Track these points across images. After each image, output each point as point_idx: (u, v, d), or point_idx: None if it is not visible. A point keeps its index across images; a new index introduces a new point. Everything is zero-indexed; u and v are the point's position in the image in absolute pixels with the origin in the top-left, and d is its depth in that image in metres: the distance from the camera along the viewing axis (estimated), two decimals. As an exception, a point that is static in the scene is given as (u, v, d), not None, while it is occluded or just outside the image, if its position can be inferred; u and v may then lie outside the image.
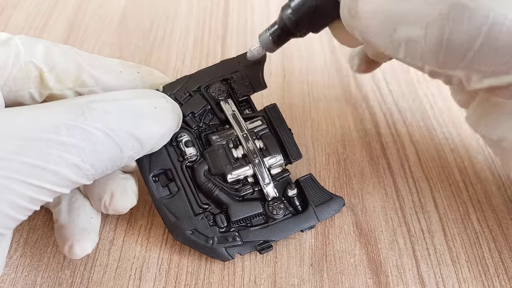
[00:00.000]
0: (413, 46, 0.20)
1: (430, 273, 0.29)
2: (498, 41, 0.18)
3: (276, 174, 0.31)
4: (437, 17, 0.19)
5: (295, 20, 0.25)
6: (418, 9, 0.19)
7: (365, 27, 0.22)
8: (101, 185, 0.28)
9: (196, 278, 0.29)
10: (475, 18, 0.18)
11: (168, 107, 0.26)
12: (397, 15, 0.20)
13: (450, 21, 0.19)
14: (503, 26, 0.18)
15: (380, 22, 0.21)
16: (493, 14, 0.18)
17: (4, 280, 0.29)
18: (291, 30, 0.26)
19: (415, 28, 0.20)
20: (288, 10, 0.25)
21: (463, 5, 0.18)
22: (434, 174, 0.34)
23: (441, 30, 0.19)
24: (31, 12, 0.48)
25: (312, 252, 0.30)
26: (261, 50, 0.29)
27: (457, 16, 0.18)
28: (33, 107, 0.23)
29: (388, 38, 0.21)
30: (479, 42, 0.18)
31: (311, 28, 0.26)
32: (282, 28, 0.26)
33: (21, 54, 0.26)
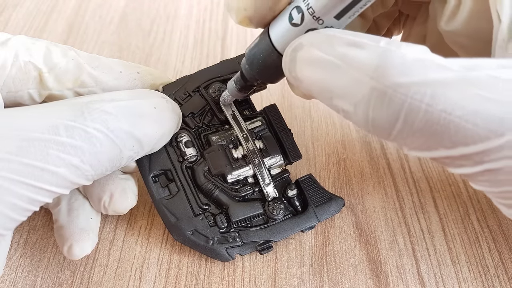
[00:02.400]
0: (349, 116, 0.21)
1: (430, 273, 0.29)
2: (414, 126, 0.18)
3: (276, 175, 0.31)
4: (361, 99, 0.20)
5: (250, 71, 0.26)
6: (346, 87, 0.20)
7: (305, 88, 0.22)
8: (101, 186, 0.28)
9: (196, 279, 0.29)
10: (393, 105, 0.19)
11: (168, 107, 0.26)
12: (330, 87, 0.21)
13: (372, 104, 0.19)
14: (418, 113, 0.18)
15: (317, 89, 0.22)
16: (409, 101, 0.18)
17: (4, 281, 0.29)
18: (252, 84, 0.27)
19: (346, 103, 0.20)
20: (244, 63, 0.26)
21: (382, 90, 0.19)
22: (434, 174, 0.34)
23: (365, 111, 0.20)
24: (31, 12, 0.48)
25: (312, 253, 0.30)
26: (231, 98, 0.29)
27: (377, 100, 0.19)
28: (32, 108, 0.23)
29: (328, 103, 0.22)
30: (398, 126, 0.19)
31: (267, 80, 0.26)
32: (243, 78, 0.27)
33: (20, 54, 0.26)
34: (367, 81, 0.19)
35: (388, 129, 0.19)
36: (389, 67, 0.19)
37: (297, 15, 0.22)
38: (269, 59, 0.24)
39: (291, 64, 0.22)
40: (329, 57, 0.21)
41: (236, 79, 0.28)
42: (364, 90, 0.19)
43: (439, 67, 0.18)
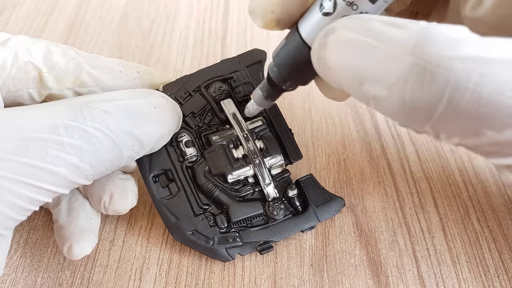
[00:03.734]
0: (380, 102, 0.20)
1: (430, 273, 0.29)
2: (460, 108, 0.17)
3: (277, 175, 0.31)
4: (398, 79, 0.18)
5: (280, 74, 0.25)
6: (381, 68, 0.19)
7: (335, 78, 0.21)
8: (101, 186, 0.28)
9: (196, 279, 0.29)
10: (435, 83, 0.17)
11: (168, 107, 0.26)
12: (361, 72, 0.20)
13: (410, 84, 0.18)
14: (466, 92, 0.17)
15: (347, 75, 0.20)
16: (454, 79, 0.17)
17: (4, 281, 0.29)
18: (278, 85, 0.26)
19: (379, 87, 0.19)
20: (274, 68, 0.25)
21: (423, 66, 0.17)
22: (434, 174, 0.34)
23: (402, 93, 0.18)
24: (31, 12, 0.48)
25: (312, 253, 0.30)
26: (257, 107, 0.29)
27: (417, 78, 0.18)
28: (32, 107, 0.23)
29: (358, 90, 0.20)
30: (440, 108, 0.18)
31: (298, 81, 0.26)
32: (270, 83, 0.26)
33: (20, 54, 0.26)
34: (406, 58, 0.18)
35: (428, 112, 0.18)
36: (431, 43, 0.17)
37: (328, 3, 0.22)
38: (300, 56, 0.23)
39: (321, 51, 0.21)
40: (364, 38, 0.19)
41: (262, 86, 0.27)
42: (402, 67, 0.18)
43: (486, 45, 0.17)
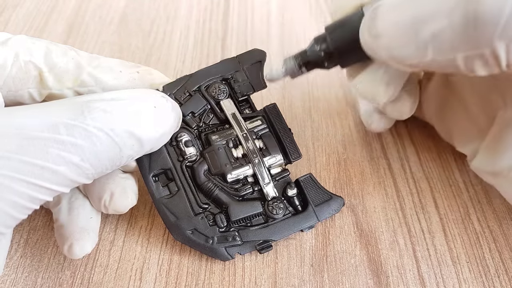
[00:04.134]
0: (440, 39, 0.20)
1: (431, 273, 0.29)
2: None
3: (276, 174, 0.31)
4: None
5: (330, 52, 0.26)
6: (437, 2, 0.20)
7: (388, 42, 0.22)
8: (101, 185, 0.28)
9: (196, 279, 0.29)
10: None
11: (168, 107, 0.26)
12: (417, 17, 0.20)
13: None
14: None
15: (402, 32, 0.21)
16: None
17: (5, 281, 0.29)
18: (322, 62, 0.26)
19: (438, 20, 0.20)
20: (324, 43, 0.26)
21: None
22: (435, 174, 0.34)
23: (465, 9, 0.19)
24: (31, 12, 0.48)
25: (313, 253, 0.30)
26: (283, 74, 0.29)
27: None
28: (32, 107, 0.23)
29: (414, 44, 0.21)
30: (507, 10, 0.18)
31: (343, 60, 0.26)
32: (314, 58, 0.27)
33: (20, 54, 0.26)
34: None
35: (495, 17, 0.18)
36: None
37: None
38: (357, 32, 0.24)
39: (371, 22, 0.22)
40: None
41: (300, 58, 0.27)
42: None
43: None
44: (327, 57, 0.26)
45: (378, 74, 0.27)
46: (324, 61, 0.26)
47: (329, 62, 0.26)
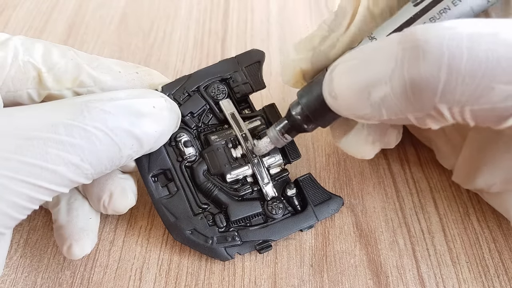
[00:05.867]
0: (388, 103, 0.21)
1: (430, 273, 0.29)
2: (462, 71, 0.18)
3: (275, 174, 0.31)
4: (394, 66, 0.20)
5: (306, 115, 0.26)
6: (379, 67, 0.20)
7: (346, 104, 0.23)
8: (100, 185, 0.28)
9: (196, 279, 0.29)
10: (430, 56, 0.18)
11: (167, 107, 0.26)
12: (365, 82, 0.21)
13: (406, 66, 0.19)
14: (462, 55, 0.18)
15: (355, 95, 0.22)
16: (447, 47, 0.18)
17: (4, 281, 0.29)
18: (301, 126, 0.27)
19: (382, 86, 0.20)
20: (298, 107, 0.26)
21: (414, 46, 0.19)
22: (434, 174, 0.34)
23: (402, 77, 0.19)
24: (31, 12, 0.48)
25: (312, 253, 0.30)
26: (270, 145, 0.29)
27: (411, 58, 0.19)
28: (32, 107, 0.23)
29: (368, 105, 0.22)
30: (443, 76, 0.18)
31: (321, 123, 0.27)
32: (292, 124, 0.27)
33: (19, 54, 0.26)
34: (396, 48, 0.19)
35: (432, 83, 0.19)
36: (415, 30, 0.19)
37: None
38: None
39: (330, 85, 0.23)
40: (359, 57, 0.22)
41: (280, 125, 0.28)
42: (396, 56, 0.19)
43: (462, 22, 0.18)
44: (304, 121, 0.27)
45: (362, 135, 0.27)
46: (303, 125, 0.27)
47: (308, 125, 0.27)
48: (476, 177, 0.29)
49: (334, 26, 0.27)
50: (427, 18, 0.23)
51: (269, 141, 0.29)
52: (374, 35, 0.25)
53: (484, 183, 0.28)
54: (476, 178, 0.29)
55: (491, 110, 0.19)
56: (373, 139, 0.28)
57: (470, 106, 0.19)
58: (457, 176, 0.31)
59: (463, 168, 0.30)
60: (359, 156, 0.28)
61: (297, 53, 0.28)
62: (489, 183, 0.28)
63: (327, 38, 0.27)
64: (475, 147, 0.29)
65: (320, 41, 0.27)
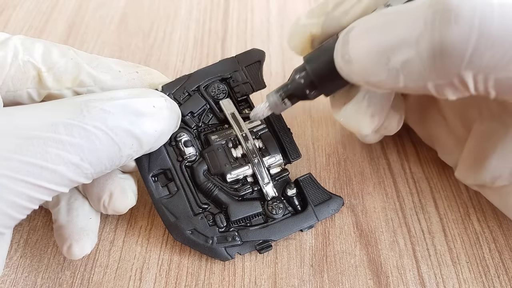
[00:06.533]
0: (410, 68, 0.20)
1: (431, 273, 0.29)
2: (492, 35, 0.18)
3: (276, 174, 0.31)
4: (424, 29, 0.19)
5: (311, 81, 0.26)
6: (405, 29, 0.20)
7: (361, 68, 0.22)
8: (100, 185, 0.28)
9: (196, 279, 0.29)
10: (462, 19, 0.18)
11: (167, 106, 0.26)
12: (386, 45, 0.21)
13: (437, 28, 0.19)
14: (493, 20, 0.18)
15: (373, 59, 0.21)
16: (479, 11, 0.18)
17: (4, 281, 0.29)
18: (304, 92, 0.26)
19: (406, 49, 0.20)
20: (303, 72, 0.26)
21: (446, 9, 0.18)
22: (435, 174, 0.34)
23: (431, 40, 0.19)
24: (31, 12, 0.48)
25: (313, 253, 0.30)
26: (267, 111, 0.28)
27: (443, 21, 0.18)
28: (31, 106, 0.23)
29: (386, 71, 0.21)
30: (473, 40, 0.18)
31: (325, 89, 0.26)
32: (295, 89, 0.27)
33: (19, 54, 0.26)
34: (427, 11, 0.19)
35: (462, 48, 0.18)
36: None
37: None
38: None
39: (344, 48, 0.22)
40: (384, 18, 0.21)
41: (282, 90, 0.27)
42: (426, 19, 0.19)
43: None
44: (308, 86, 0.26)
45: (362, 106, 0.27)
46: (305, 91, 0.26)
47: (311, 91, 0.26)
48: (481, 169, 0.28)
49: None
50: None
51: (268, 105, 0.28)
52: (389, 3, 0.24)
53: (490, 175, 0.28)
54: (482, 170, 0.28)
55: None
56: (372, 112, 0.27)
57: (495, 73, 0.19)
58: (460, 170, 0.31)
59: (467, 161, 0.30)
60: (355, 128, 0.27)
61: (308, 17, 0.27)
62: (495, 175, 0.28)
63: (341, 4, 0.26)
64: (480, 138, 0.28)
65: (334, 7, 0.26)
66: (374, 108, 0.27)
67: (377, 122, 0.27)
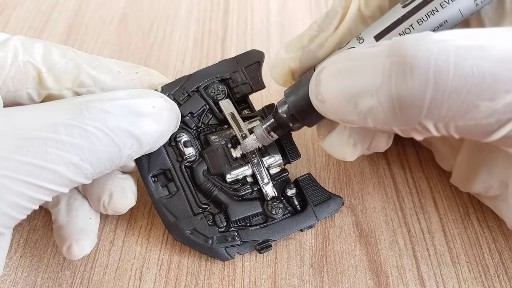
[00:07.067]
0: (374, 114, 0.21)
1: (430, 273, 0.29)
2: (449, 86, 0.18)
3: (275, 174, 0.31)
4: (382, 80, 0.19)
5: (292, 114, 0.26)
6: (367, 78, 0.20)
7: (333, 108, 0.23)
8: (100, 185, 0.28)
9: (196, 279, 0.29)
10: (417, 71, 0.18)
11: (166, 107, 0.26)
12: (352, 91, 0.21)
13: (394, 79, 0.19)
14: (449, 71, 0.18)
15: (343, 102, 0.22)
16: (434, 62, 0.18)
17: (4, 281, 0.29)
18: (288, 125, 0.27)
19: (369, 97, 0.20)
20: (285, 106, 0.27)
21: (402, 61, 0.19)
22: (434, 174, 0.34)
23: (389, 92, 0.19)
24: (31, 12, 0.48)
25: (312, 253, 0.30)
26: (256, 143, 0.29)
27: (398, 72, 0.19)
28: (31, 107, 0.23)
29: (355, 114, 0.22)
30: (429, 92, 0.18)
31: (307, 122, 0.27)
32: (279, 122, 0.28)
33: (19, 54, 0.26)
34: (385, 61, 0.19)
35: (419, 102, 0.19)
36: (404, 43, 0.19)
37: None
38: None
39: (317, 88, 0.23)
40: (348, 63, 0.21)
41: (267, 123, 0.28)
42: (383, 69, 0.19)
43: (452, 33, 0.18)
44: (290, 120, 0.27)
45: (344, 136, 0.27)
46: (289, 124, 0.27)
47: (294, 124, 0.27)
48: (473, 181, 0.29)
49: (324, 25, 0.27)
50: (415, 20, 0.23)
51: (255, 138, 0.29)
52: (362, 36, 0.25)
53: (481, 187, 0.29)
54: (474, 181, 0.29)
55: (475, 126, 0.19)
56: (354, 141, 0.27)
57: (454, 122, 0.19)
58: (455, 179, 0.31)
59: (460, 172, 0.30)
60: (340, 157, 0.28)
61: (286, 52, 0.28)
62: (486, 187, 0.28)
63: (316, 37, 0.27)
64: (472, 150, 0.29)
65: (309, 40, 0.27)
66: (356, 137, 0.27)
67: (359, 150, 0.28)
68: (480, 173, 0.28)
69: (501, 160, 0.27)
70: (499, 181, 0.27)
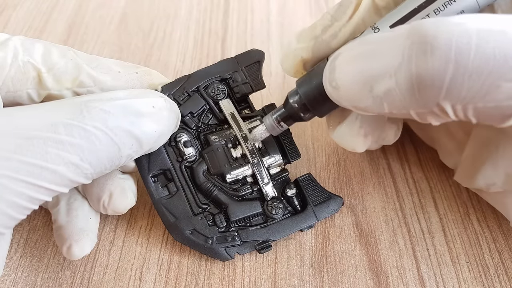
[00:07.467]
0: (391, 97, 0.21)
1: (431, 273, 0.29)
2: (469, 67, 0.18)
3: (275, 174, 0.31)
4: (401, 61, 0.19)
5: (303, 104, 0.26)
6: (385, 60, 0.20)
7: (347, 95, 0.23)
8: (100, 185, 0.28)
9: (196, 279, 0.29)
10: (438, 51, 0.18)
11: (166, 107, 0.26)
12: (369, 74, 0.21)
13: (414, 61, 0.19)
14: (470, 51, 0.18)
15: (358, 87, 0.22)
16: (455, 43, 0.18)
17: (4, 281, 0.29)
18: (299, 115, 0.27)
19: (387, 80, 0.20)
20: (296, 96, 0.27)
21: (423, 42, 0.19)
22: (434, 174, 0.34)
23: (408, 72, 0.19)
24: (31, 12, 0.48)
25: (312, 253, 0.30)
26: (265, 133, 0.29)
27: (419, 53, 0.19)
28: (31, 107, 0.23)
29: (370, 98, 0.22)
30: (450, 73, 0.18)
31: (318, 112, 0.27)
32: (289, 112, 0.27)
33: (19, 54, 0.26)
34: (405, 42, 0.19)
35: (438, 82, 0.19)
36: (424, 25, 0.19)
37: None
38: None
39: (331, 75, 0.23)
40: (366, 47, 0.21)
41: (277, 113, 0.28)
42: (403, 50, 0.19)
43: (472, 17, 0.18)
44: (301, 110, 0.27)
45: (355, 127, 0.27)
46: (300, 114, 0.27)
47: (305, 113, 0.27)
48: (477, 175, 0.29)
49: (338, 15, 0.27)
50: (431, 10, 0.23)
51: (265, 128, 0.29)
52: (377, 25, 0.25)
53: (484, 182, 0.28)
54: (477, 176, 0.29)
55: (495, 108, 0.19)
56: (365, 132, 0.27)
57: (474, 103, 0.19)
58: (459, 174, 0.31)
59: (465, 166, 0.30)
60: (350, 148, 0.28)
61: (298, 42, 0.27)
62: (489, 183, 0.28)
63: (329, 27, 0.27)
64: (478, 145, 0.29)
65: (323, 30, 0.27)
66: (367, 128, 0.27)
67: (370, 141, 0.28)
68: (484, 168, 0.28)
69: (508, 153, 0.27)
70: (505, 175, 0.27)
